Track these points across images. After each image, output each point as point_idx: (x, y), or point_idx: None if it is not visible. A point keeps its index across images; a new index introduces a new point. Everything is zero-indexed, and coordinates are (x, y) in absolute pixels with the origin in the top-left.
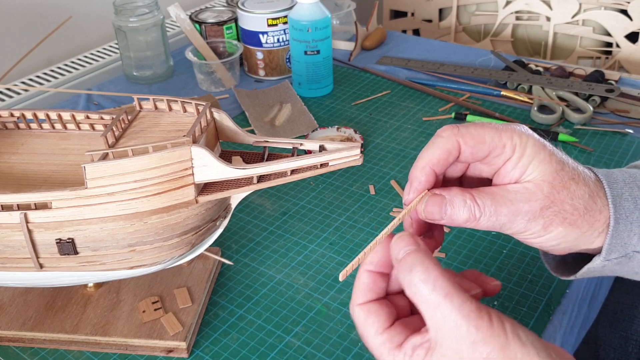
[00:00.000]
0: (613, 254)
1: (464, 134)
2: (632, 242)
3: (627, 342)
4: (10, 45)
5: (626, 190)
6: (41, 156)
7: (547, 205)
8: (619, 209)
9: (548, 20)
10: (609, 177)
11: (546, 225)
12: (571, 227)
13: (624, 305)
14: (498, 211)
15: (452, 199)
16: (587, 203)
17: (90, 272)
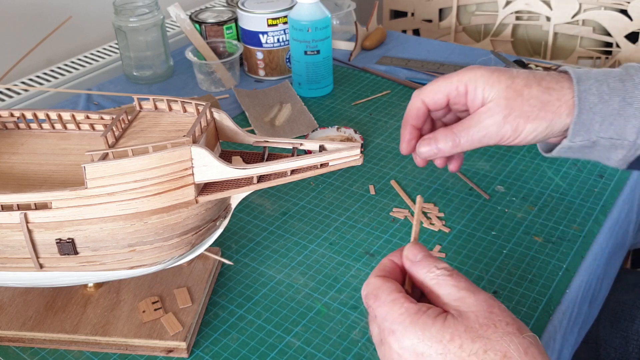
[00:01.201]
0: (577, 137)
1: (423, 91)
2: (594, 128)
3: (627, 342)
4: (10, 45)
5: (595, 86)
6: (41, 156)
7: (507, 113)
8: (583, 102)
9: (548, 20)
10: (581, 75)
11: (515, 128)
12: (536, 121)
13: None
14: (471, 132)
15: (435, 136)
16: (542, 99)
17: (90, 272)
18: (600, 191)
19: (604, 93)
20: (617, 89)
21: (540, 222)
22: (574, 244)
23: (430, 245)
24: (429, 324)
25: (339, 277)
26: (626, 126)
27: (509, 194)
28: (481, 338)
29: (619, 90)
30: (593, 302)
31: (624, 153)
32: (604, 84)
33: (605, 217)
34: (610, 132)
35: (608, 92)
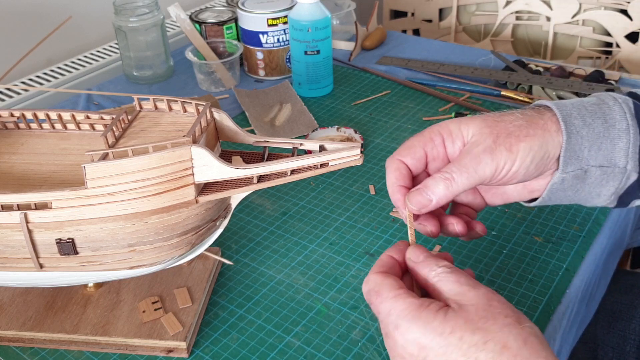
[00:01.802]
0: (569, 166)
1: (397, 152)
2: (584, 155)
3: (625, 341)
4: (10, 45)
5: (574, 110)
6: (41, 156)
7: (495, 137)
8: (570, 126)
9: (548, 20)
10: (557, 103)
11: (509, 148)
12: (528, 138)
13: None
14: (462, 164)
15: (425, 183)
16: (525, 118)
17: (90, 272)
18: None
19: (586, 116)
20: (596, 112)
21: (540, 222)
22: (574, 244)
23: (430, 245)
24: (430, 317)
25: (339, 277)
26: (614, 149)
27: None
28: (480, 330)
29: (598, 112)
30: (590, 302)
31: (616, 185)
32: (582, 108)
33: (605, 217)
34: (600, 158)
35: (589, 115)
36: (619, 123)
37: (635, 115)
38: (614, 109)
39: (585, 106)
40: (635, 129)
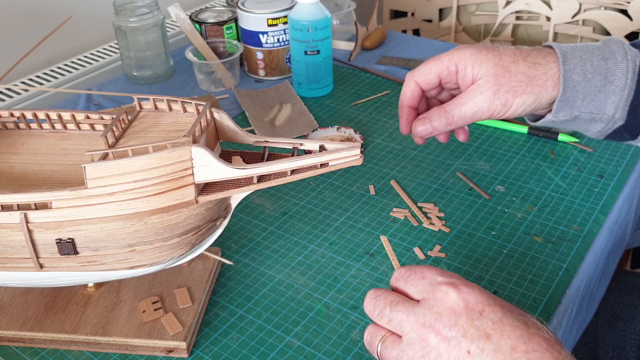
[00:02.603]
0: (560, 113)
1: (415, 72)
2: (576, 104)
3: (625, 341)
4: (10, 45)
5: (579, 65)
6: (41, 156)
7: (497, 89)
8: (568, 81)
9: (548, 20)
10: (566, 54)
11: (504, 102)
12: (524, 95)
13: (623, 305)
14: (463, 109)
15: (429, 115)
16: (529, 74)
17: (90, 272)
18: (600, 191)
19: (588, 72)
20: (600, 68)
21: (540, 222)
22: (574, 244)
23: (430, 245)
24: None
25: (339, 277)
26: (606, 102)
27: (509, 194)
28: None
29: (602, 68)
30: (591, 302)
31: (602, 126)
32: (588, 62)
33: (605, 217)
34: (591, 107)
35: (591, 70)
36: (618, 80)
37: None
38: (619, 65)
39: (592, 60)
40: (631, 87)
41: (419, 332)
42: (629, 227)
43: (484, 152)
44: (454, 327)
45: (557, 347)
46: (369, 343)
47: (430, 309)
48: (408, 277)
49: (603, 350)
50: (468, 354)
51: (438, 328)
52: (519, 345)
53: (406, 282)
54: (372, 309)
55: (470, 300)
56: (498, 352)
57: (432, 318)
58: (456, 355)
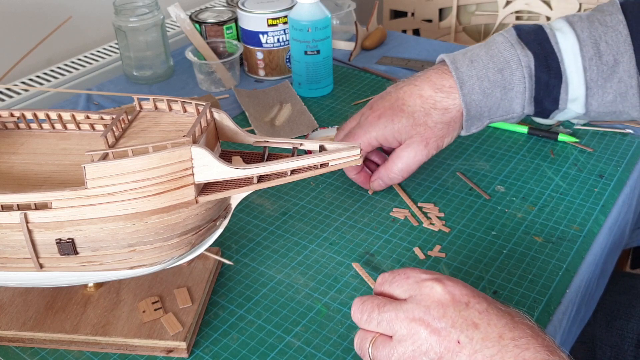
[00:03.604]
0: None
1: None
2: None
3: (623, 340)
4: (10, 45)
5: (477, 85)
6: (41, 156)
7: (426, 143)
8: (469, 103)
9: (548, 20)
10: (463, 76)
11: (437, 147)
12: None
13: (621, 305)
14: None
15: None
16: (444, 121)
17: (90, 272)
18: (600, 191)
19: (486, 88)
20: (497, 81)
21: (540, 222)
22: (574, 244)
23: (430, 245)
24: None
25: (339, 277)
26: (511, 105)
27: (509, 194)
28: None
29: (499, 81)
30: (589, 302)
31: (516, 119)
32: (485, 79)
33: (605, 217)
34: (500, 113)
35: (490, 86)
36: (517, 87)
37: (535, 74)
38: (515, 73)
39: (488, 76)
40: (530, 88)
41: (409, 327)
42: (628, 227)
43: (484, 152)
44: (442, 319)
45: (542, 334)
46: (360, 347)
47: (418, 303)
48: (392, 280)
49: (601, 349)
50: (458, 343)
51: (427, 320)
52: (505, 333)
53: (391, 284)
54: (360, 316)
55: (455, 293)
56: (486, 340)
57: (420, 312)
58: (447, 345)
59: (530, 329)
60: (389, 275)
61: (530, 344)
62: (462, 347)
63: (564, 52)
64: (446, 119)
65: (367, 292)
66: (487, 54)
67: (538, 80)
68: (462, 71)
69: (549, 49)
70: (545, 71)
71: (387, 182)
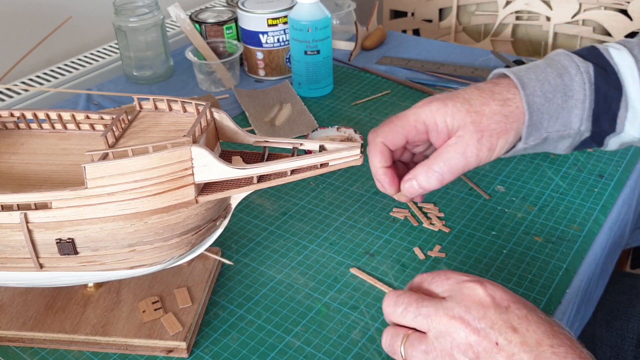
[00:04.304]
0: (530, 138)
1: (380, 133)
2: (543, 126)
3: (623, 340)
4: (10, 45)
5: (538, 87)
6: (41, 156)
7: (480, 136)
8: (532, 105)
9: (548, 20)
10: (523, 79)
11: (490, 147)
12: (505, 134)
13: (621, 305)
14: (452, 164)
15: (416, 176)
16: (504, 112)
17: (90, 272)
18: (600, 191)
19: (548, 92)
20: (558, 85)
21: (540, 222)
22: (574, 244)
23: (430, 245)
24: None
25: (339, 277)
26: (570, 117)
27: (509, 194)
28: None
29: (560, 85)
30: (589, 301)
31: (570, 141)
32: (545, 82)
33: (605, 217)
34: (557, 125)
35: (551, 90)
36: (577, 94)
37: (594, 82)
38: (575, 79)
39: (548, 79)
40: (591, 98)
41: (448, 324)
42: (628, 227)
43: None
44: (482, 319)
45: (579, 347)
46: (390, 344)
47: (458, 302)
48: (432, 279)
49: (601, 349)
50: (496, 345)
51: (467, 319)
52: (544, 340)
53: (430, 284)
54: (393, 308)
55: (496, 296)
56: (525, 345)
57: (461, 310)
58: (485, 346)
59: (569, 340)
60: (428, 275)
61: (568, 354)
62: (500, 349)
63: (620, 65)
64: (505, 112)
65: (367, 292)
66: (544, 63)
67: (597, 90)
68: (520, 74)
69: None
70: (604, 80)
71: (423, 183)
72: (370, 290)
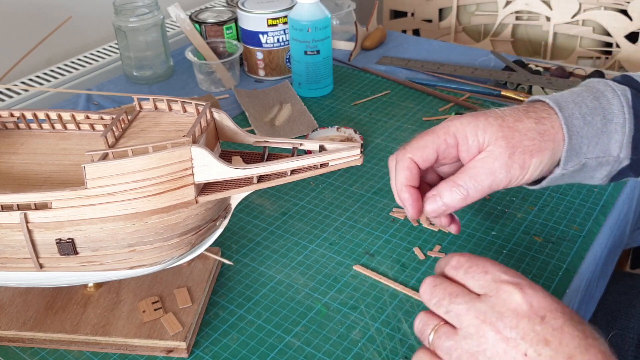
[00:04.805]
0: (569, 163)
1: (408, 149)
2: (582, 151)
3: (623, 340)
4: (10, 45)
5: (576, 110)
6: (41, 156)
7: (511, 152)
8: (571, 127)
9: (548, 20)
10: (560, 102)
11: (522, 164)
12: (540, 153)
13: (621, 305)
14: (478, 180)
15: (440, 192)
16: (539, 130)
17: (90, 272)
18: (600, 191)
19: (586, 114)
20: (596, 108)
21: (540, 222)
22: (574, 244)
23: (431, 245)
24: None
25: (339, 277)
26: (610, 142)
27: (509, 194)
28: None
29: (598, 108)
30: (589, 301)
31: (608, 169)
32: (583, 105)
33: (605, 217)
34: (597, 151)
35: (589, 112)
36: (616, 117)
37: (632, 106)
38: (612, 102)
39: (585, 102)
40: (630, 121)
41: (478, 328)
42: (628, 227)
43: None
44: (514, 329)
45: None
46: (420, 331)
47: (492, 307)
48: (469, 268)
49: None
50: (525, 356)
51: (499, 327)
52: (576, 355)
53: (466, 273)
54: (429, 297)
55: (534, 303)
56: (555, 359)
57: (493, 316)
58: (513, 355)
59: (602, 354)
60: (466, 261)
61: None
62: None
63: None
64: (540, 129)
65: (367, 292)
66: (578, 88)
67: (636, 114)
68: (555, 97)
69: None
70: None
71: (447, 199)
72: (370, 291)
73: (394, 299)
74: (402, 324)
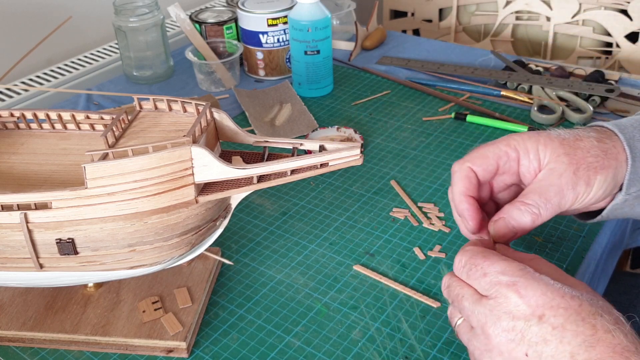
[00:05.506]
0: (632, 188)
1: (470, 159)
2: None
3: None
4: (10, 45)
5: (636, 132)
6: (41, 156)
7: (576, 168)
8: (634, 149)
9: (548, 20)
10: (619, 125)
11: (587, 181)
12: (604, 170)
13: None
14: (547, 198)
15: (509, 214)
16: (601, 147)
17: (90, 272)
18: None
19: None
20: None
21: None
22: (574, 244)
23: (430, 245)
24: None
25: (339, 277)
26: None
27: None
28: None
29: None
30: None
31: None
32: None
33: None
34: None
35: None
36: None
37: None
38: None
39: None
40: None
41: (482, 330)
42: (628, 227)
43: None
44: (511, 331)
45: (626, 354)
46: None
47: (491, 310)
48: (469, 270)
49: None
50: (526, 356)
51: (497, 331)
52: (580, 353)
53: (468, 276)
54: (446, 296)
55: (532, 302)
56: (556, 358)
57: (491, 320)
58: (515, 356)
59: (612, 348)
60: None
61: None
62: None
63: None
64: (603, 147)
65: (367, 292)
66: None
67: None
68: (614, 122)
69: None
70: None
71: (517, 217)
72: (370, 290)
73: (394, 299)
74: (402, 324)
